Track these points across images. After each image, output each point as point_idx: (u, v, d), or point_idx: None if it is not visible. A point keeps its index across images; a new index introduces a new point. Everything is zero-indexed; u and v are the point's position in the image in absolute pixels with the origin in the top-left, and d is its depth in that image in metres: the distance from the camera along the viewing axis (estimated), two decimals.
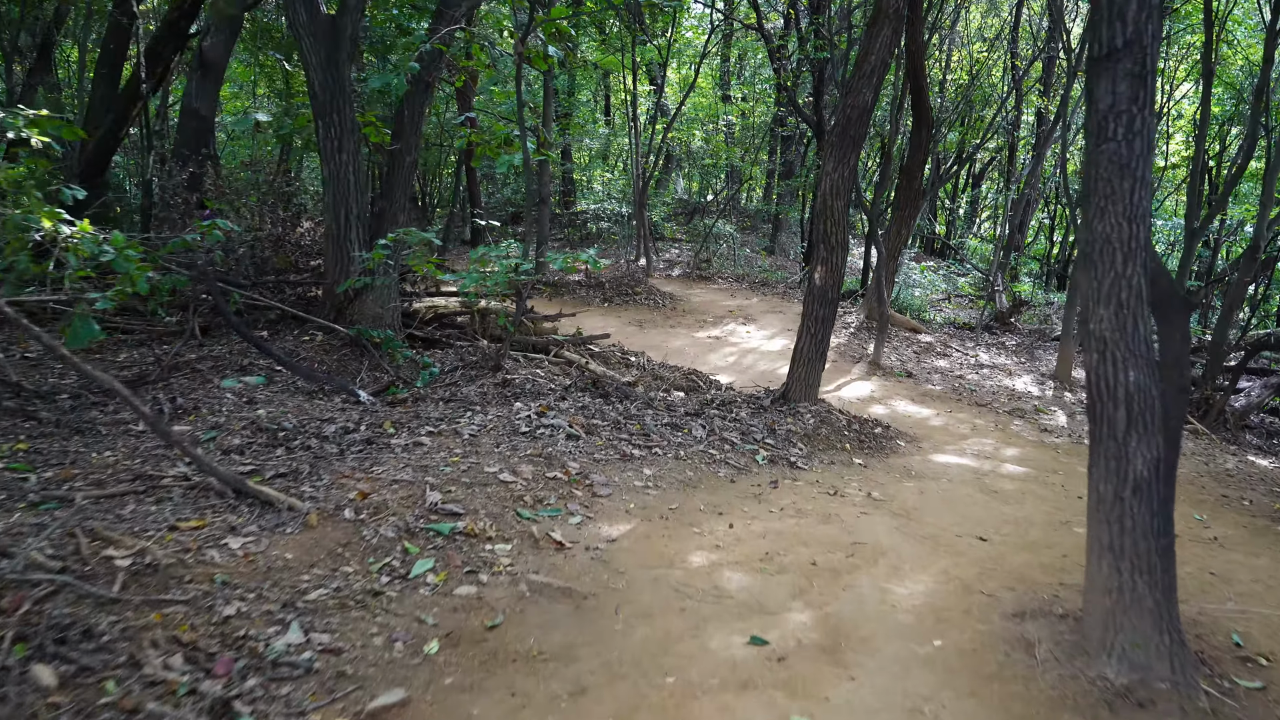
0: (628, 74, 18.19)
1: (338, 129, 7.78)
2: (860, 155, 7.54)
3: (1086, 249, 3.68)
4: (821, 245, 7.60)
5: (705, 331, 12.70)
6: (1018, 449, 8.34)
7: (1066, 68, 18.77)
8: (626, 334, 12.06)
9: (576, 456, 6.03)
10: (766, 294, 16.18)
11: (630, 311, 13.53)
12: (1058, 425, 9.75)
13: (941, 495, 6.48)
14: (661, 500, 5.62)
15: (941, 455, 7.73)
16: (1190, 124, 25.99)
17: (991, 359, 13.21)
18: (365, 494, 4.89)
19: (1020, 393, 11.30)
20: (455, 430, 6.11)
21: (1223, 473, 8.57)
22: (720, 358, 11.28)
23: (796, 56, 18.79)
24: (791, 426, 7.39)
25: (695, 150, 22.67)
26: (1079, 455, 8.48)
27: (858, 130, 7.40)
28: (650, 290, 14.51)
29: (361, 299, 8.04)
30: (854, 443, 7.49)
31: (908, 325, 13.97)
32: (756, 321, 13.55)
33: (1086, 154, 3.68)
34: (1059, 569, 5.24)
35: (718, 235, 19.82)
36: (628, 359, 9.65)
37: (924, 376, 11.40)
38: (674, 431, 6.93)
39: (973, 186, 27.68)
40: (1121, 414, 3.62)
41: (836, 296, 7.76)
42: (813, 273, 7.68)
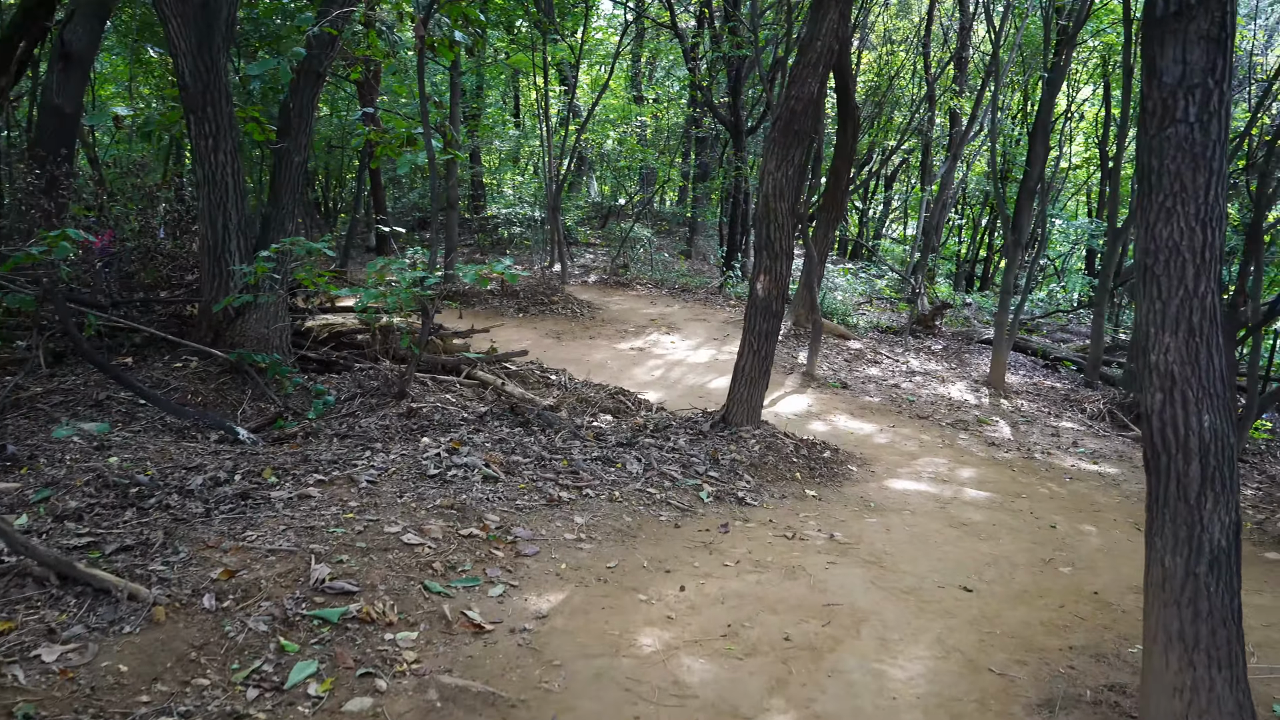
0: (538, 73, 17.17)
1: (213, 125, 6.65)
2: (805, 152, 6.71)
3: (1146, 260, 2.86)
4: (764, 252, 6.74)
5: (627, 342, 11.78)
6: (973, 469, 7.62)
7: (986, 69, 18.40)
8: (544, 347, 11.07)
9: (496, 504, 5.05)
10: (688, 300, 15.34)
11: (547, 322, 12.54)
12: (1003, 438, 9.09)
13: (909, 533, 5.67)
14: (598, 557, 4.68)
15: (898, 481, 6.94)
16: (1092, 126, 26.09)
17: (923, 365, 12.58)
18: (232, 571, 3.84)
19: (957, 401, 10.64)
20: (350, 477, 5.07)
21: None
22: (646, 372, 10.37)
23: (711, 55, 18.03)
24: (736, 455, 6.51)
25: (609, 152, 21.75)
26: (1034, 473, 7.80)
27: (802, 124, 6.56)
28: (567, 299, 13.53)
29: (244, 318, 6.91)
30: (804, 471, 6.66)
31: (836, 332, 13.28)
32: (680, 330, 12.69)
33: (1143, 140, 2.86)
34: (1062, 627, 4.46)
35: (634, 239, 18.93)
36: (548, 378, 8.67)
37: (859, 386, 10.67)
38: (606, 467, 5.99)
39: (885, 188, 27.36)
40: (1195, 469, 2.82)
41: (781, 308, 6.92)
42: (754, 282, 6.82)
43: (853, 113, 12.42)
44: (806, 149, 6.67)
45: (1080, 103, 24.96)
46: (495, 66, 19.69)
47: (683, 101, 22.81)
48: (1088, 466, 8.29)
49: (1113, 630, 4.51)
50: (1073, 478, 7.77)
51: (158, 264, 7.84)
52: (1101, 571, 5.39)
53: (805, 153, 6.68)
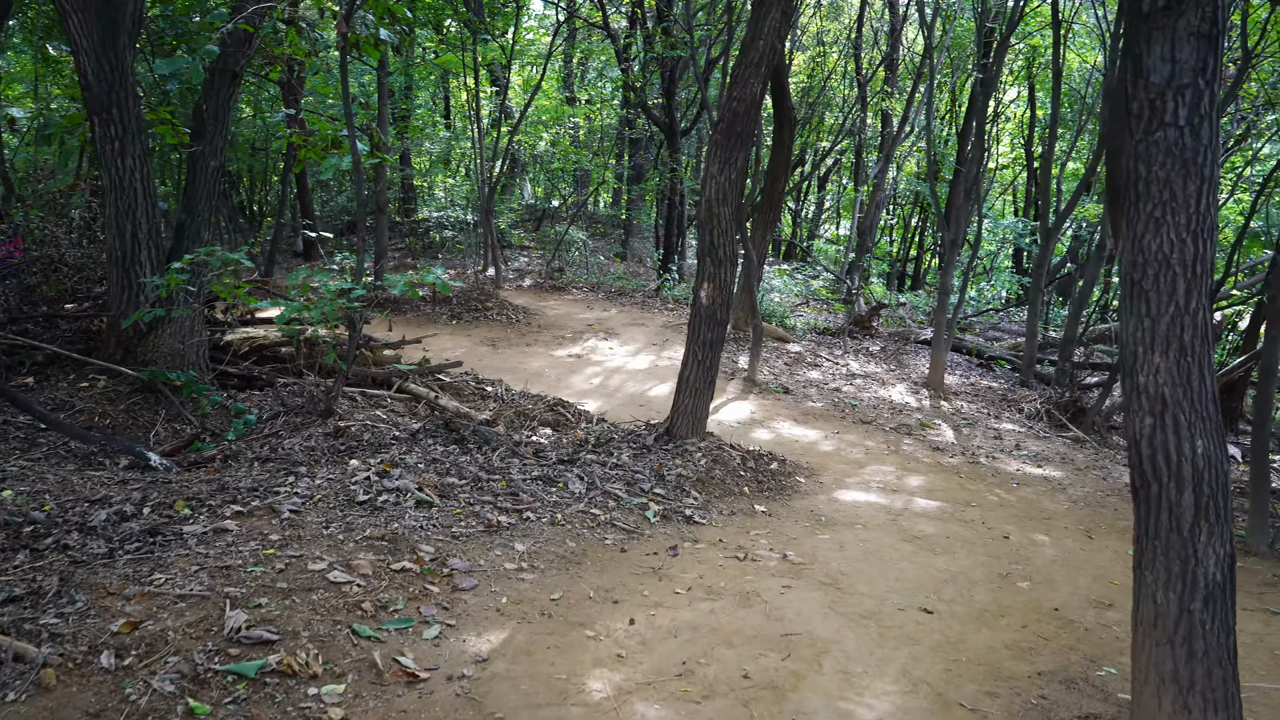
0: (468, 74, 16.74)
1: (119, 127, 6.18)
2: (748, 154, 6.47)
3: (1134, 274, 2.64)
4: (708, 259, 6.47)
5: (564, 349, 11.45)
6: (920, 476, 7.45)
7: (918, 70, 18.44)
8: (479, 356, 10.69)
9: (430, 533, 4.70)
10: (625, 304, 15.05)
11: (481, 329, 12.15)
12: (947, 442, 8.96)
13: (863, 549, 5.45)
14: (541, 588, 4.36)
15: (847, 492, 6.73)
16: (1018, 128, 26.41)
17: (862, 367, 12.46)
18: (136, 622, 3.45)
19: (899, 404, 10.52)
20: (272, 506, 4.68)
21: (1123, 488, 7.93)
22: (584, 380, 10.05)
23: (643, 56, 17.77)
24: (682, 470, 6.23)
25: (541, 154, 21.38)
26: (981, 479, 7.67)
27: (745, 126, 6.31)
28: (502, 304, 13.14)
29: (156, 333, 6.45)
30: (752, 485, 6.41)
31: (776, 335, 13.10)
32: (619, 336, 12.39)
33: (1130, 146, 2.64)
34: (1028, 649, 4.26)
35: (569, 242, 18.59)
36: (483, 389, 8.31)
37: (801, 391, 10.48)
38: (547, 487, 5.67)
39: (819, 189, 27.40)
40: (1188, 498, 2.61)
41: (726, 317, 6.66)
42: (698, 290, 6.55)
43: (789, 114, 12.25)
44: (749, 152, 6.43)
45: (1007, 104, 25.27)
46: (424, 67, 19.17)
47: (616, 103, 22.54)
48: (1032, 470, 8.19)
49: (1078, 651, 4.32)
50: (1019, 483, 7.65)
51: (63, 276, 7.31)
52: (1059, 585, 5.22)
53: (748, 156, 6.43)
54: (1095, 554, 5.89)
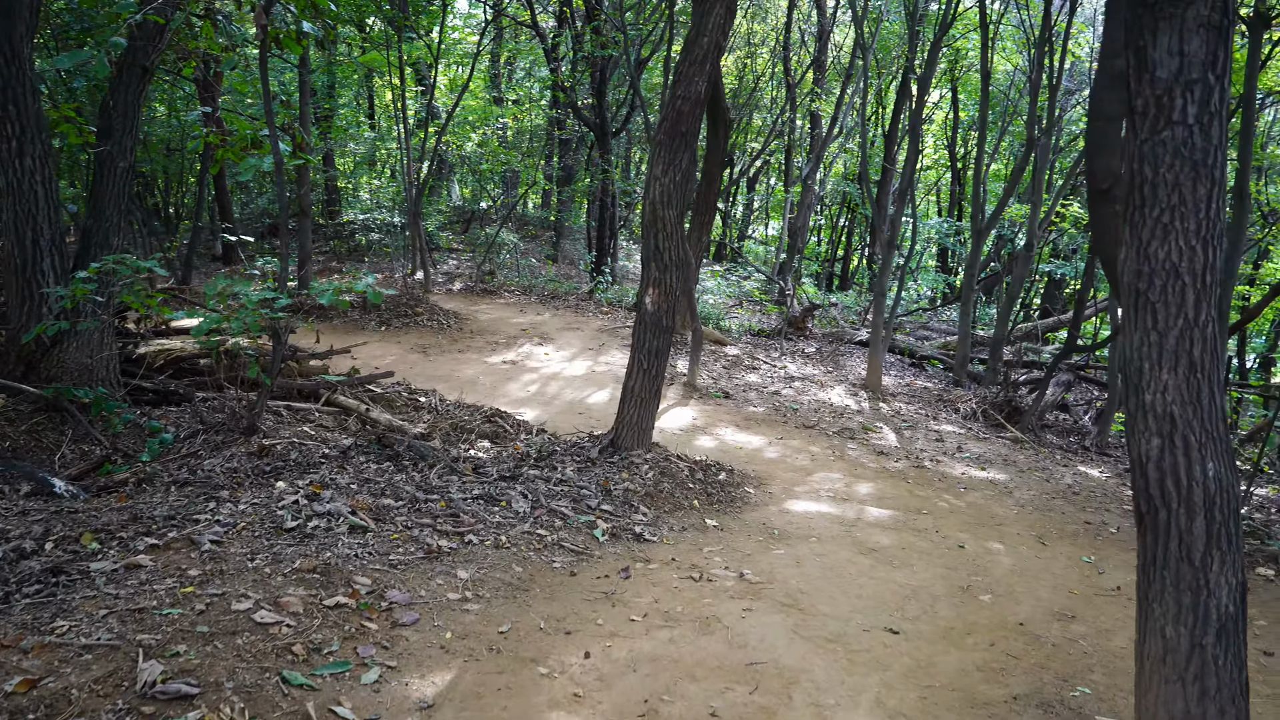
0: (393, 73, 16.23)
1: (15, 126, 5.68)
2: (693, 155, 6.21)
3: (1139, 285, 2.44)
4: (653, 263, 6.20)
5: (499, 355, 11.08)
6: (869, 483, 7.28)
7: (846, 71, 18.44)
8: (410, 364, 10.28)
9: (366, 561, 4.35)
10: (559, 307, 14.72)
11: (412, 335, 11.71)
12: (890, 445, 8.84)
13: (821, 564, 5.24)
14: (487, 620, 4.05)
15: (797, 502, 6.52)
16: (941, 129, 26.71)
17: (800, 369, 12.32)
18: (34, 679, 3.06)
19: (839, 407, 10.39)
20: (190, 537, 4.28)
21: (1066, 490, 7.87)
22: (521, 388, 9.71)
23: (573, 55, 17.47)
24: (629, 484, 5.95)
25: (469, 155, 20.89)
26: (929, 484, 7.53)
27: (690, 125, 6.06)
28: (432, 309, 12.71)
29: (61, 348, 5.95)
30: (702, 497, 6.16)
31: (713, 338, 12.90)
32: (554, 340, 12.06)
33: (1133, 146, 2.44)
34: (1000, 670, 4.07)
35: (500, 245, 18.18)
36: (416, 400, 7.94)
37: (741, 395, 10.28)
38: (489, 506, 5.34)
39: (748, 189, 27.36)
40: (1199, 526, 2.41)
41: (672, 324, 6.39)
42: (642, 296, 6.28)
43: (723, 114, 12.05)
44: (694, 153, 6.18)
45: (930, 106, 25.51)
46: (348, 65, 18.59)
47: (544, 103, 22.16)
48: (977, 474, 8.09)
49: (1050, 670, 4.15)
50: (966, 487, 7.53)
51: None
52: (1021, 598, 5.07)
53: (693, 156, 6.18)
54: (1050, 562, 5.77)
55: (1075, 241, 20.41)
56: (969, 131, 26.56)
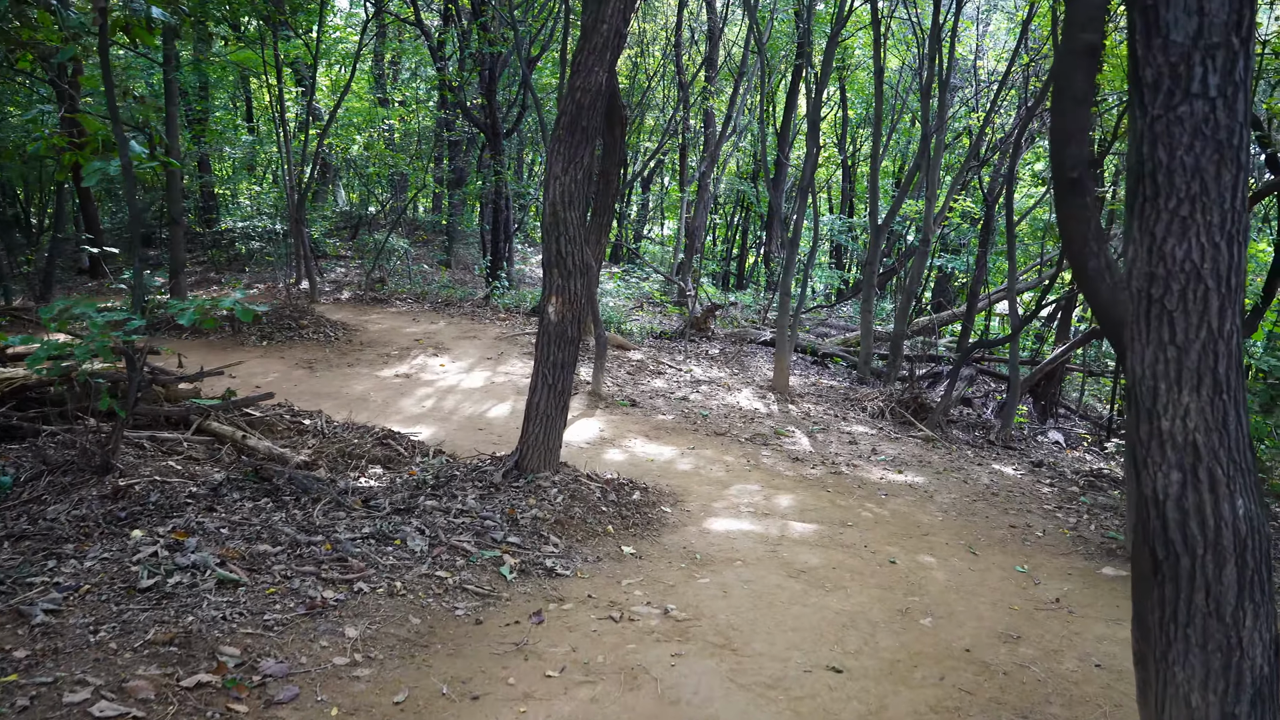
0: (270, 72, 15.28)
1: None
2: (594, 152, 5.70)
3: (1153, 290, 2.04)
4: (555, 270, 5.67)
5: (391, 369, 10.37)
6: (789, 494, 6.88)
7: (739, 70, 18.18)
8: (294, 381, 9.51)
9: (236, 625, 3.72)
10: (453, 315, 14.03)
11: (297, 350, 10.90)
12: (804, 450, 8.49)
13: (749, 593, 4.79)
14: (380, 687, 3.47)
15: (717, 520, 6.07)
16: (830, 127, 26.81)
17: (705, 372, 11.93)
18: None
19: (748, 411, 10.02)
20: (19, 609, 3.58)
21: (985, 491, 7.64)
22: (415, 403, 9.05)
23: (460, 54, 16.76)
24: (537, 511, 5.41)
25: (355, 158, 19.96)
26: (848, 491, 7.19)
27: (590, 120, 5.55)
28: (319, 321, 11.89)
29: None
30: (616, 521, 5.65)
31: (616, 342, 12.42)
32: (450, 351, 11.40)
33: (1143, 126, 2.03)
34: (956, 710, 3.69)
35: (390, 250, 17.35)
36: (300, 423, 7.23)
37: (648, 403, 9.82)
38: (382, 546, 4.73)
39: (642, 189, 26.99)
40: (1230, 574, 2.02)
41: (578, 334, 5.87)
42: (545, 305, 5.73)
43: (620, 111, 11.56)
44: (594, 150, 5.67)
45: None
46: (219, 64, 17.48)
47: (432, 104, 21.34)
48: (896, 477, 7.80)
49: (1005, 705, 3.78)
50: (887, 493, 7.21)
51: None
52: (962, 618, 4.71)
53: (594, 153, 5.67)
54: (984, 574, 5.45)
55: (964, 235, 20.64)
56: (857, 129, 26.78)
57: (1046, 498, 7.68)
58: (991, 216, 16.93)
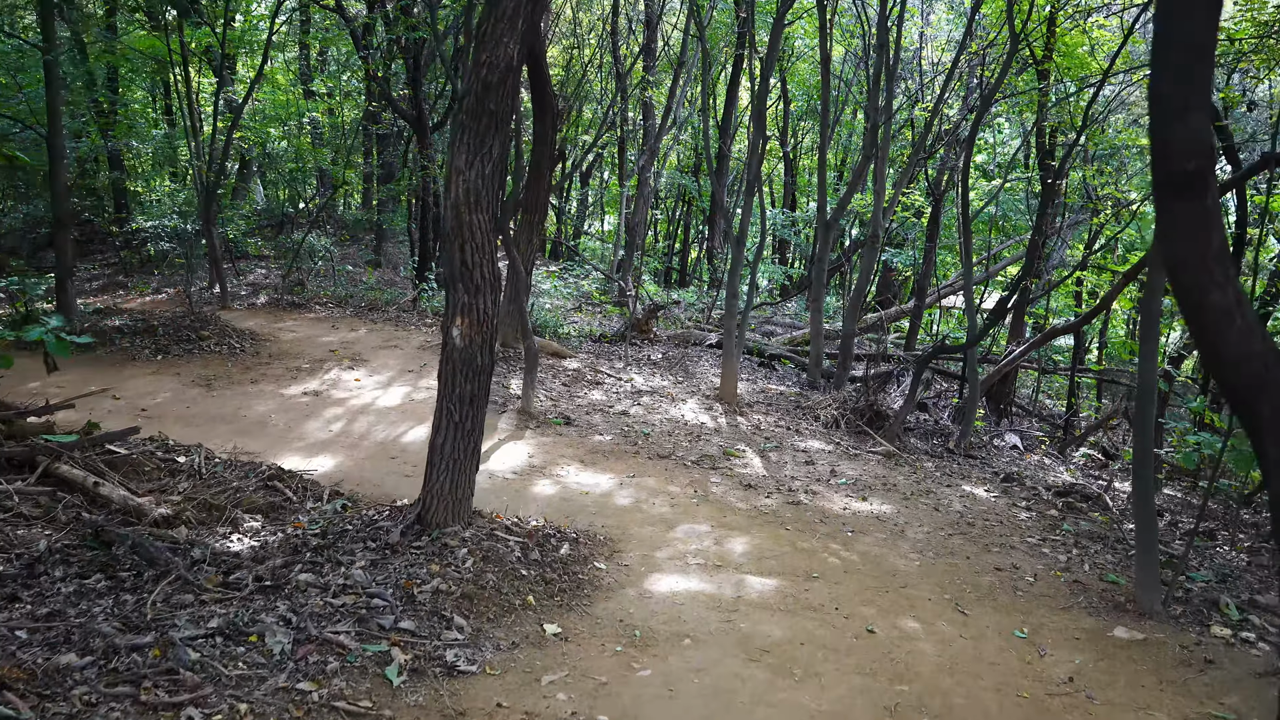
0: (176, 61, 13.91)
1: None
2: (508, 141, 4.64)
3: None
4: (459, 284, 4.58)
5: (300, 385, 9.18)
6: (743, 536, 5.88)
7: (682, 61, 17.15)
8: (186, 403, 8.30)
9: None
10: (377, 320, 12.83)
11: (195, 365, 9.64)
12: (757, 474, 7.52)
13: (702, 689, 3.77)
14: None
15: (661, 578, 5.04)
16: (772, 120, 25.90)
17: (647, 380, 10.91)
18: None
19: (694, 426, 9.03)
20: None
21: (959, 520, 6.73)
22: (322, 427, 7.90)
23: (385, 43, 15.50)
24: (440, 582, 4.33)
25: (277, 153, 18.58)
26: (810, 528, 6.21)
27: (500, 101, 4.47)
28: (224, 331, 10.62)
29: None
30: (539, 588, 4.60)
31: (550, 350, 11.33)
32: (368, 363, 10.22)
33: None
34: None
35: (313, 250, 16.04)
36: (173, 461, 6.06)
37: (584, 420, 8.77)
38: (231, 647, 3.62)
39: (581, 184, 25.88)
40: None
41: (490, 361, 4.79)
42: (449, 327, 4.65)
43: (550, 100, 10.49)
44: (507, 139, 4.60)
45: (757, 96, 24.64)
46: (123, 53, 16.01)
47: (361, 96, 19.99)
48: (860, 506, 6.85)
49: None
50: (854, 529, 6.25)
51: None
52: (965, 716, 3.75)
53: (506, 143, 4.60)
54: (980, 644, 4.50)
55: (909, 230, 19.89)
56: (798, 122, 25.92)
57: (1026, 526, 6.79)
58: (939, 210, 16.18)
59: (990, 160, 22.03)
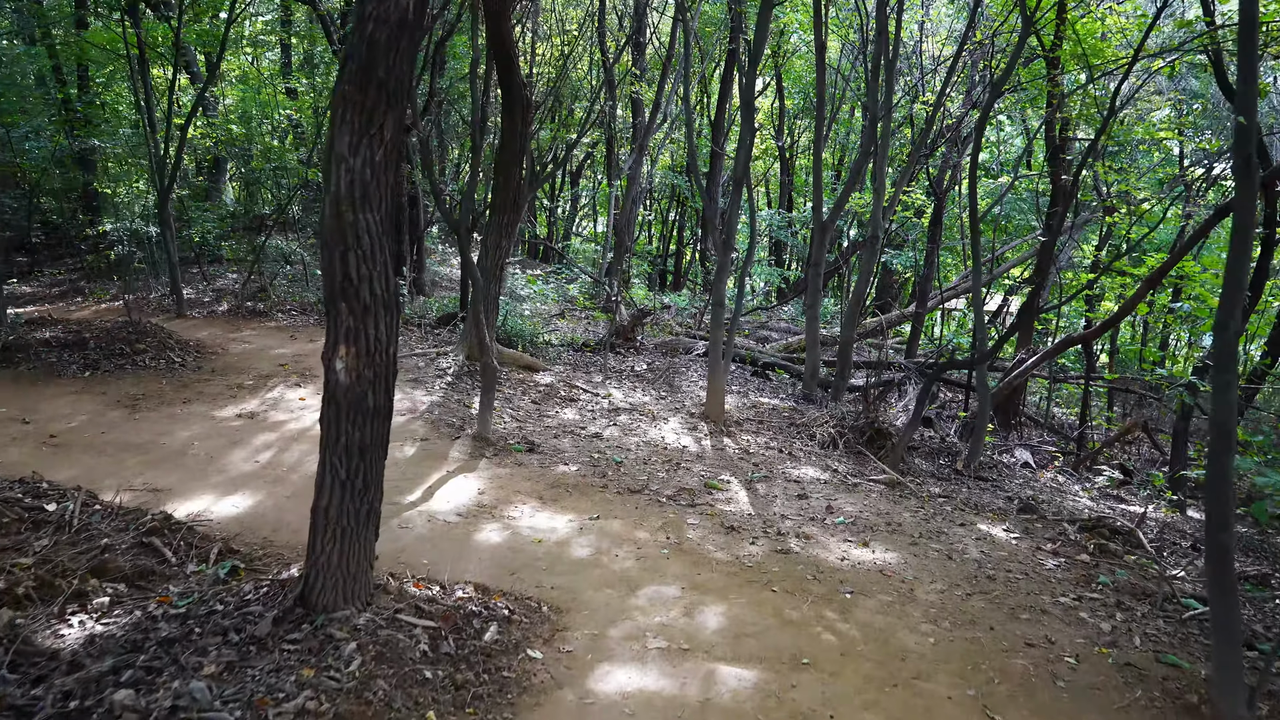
0: (133, 51, 12.81)
1: None
2: (405, 117, 3.55)
3: None
4: (341, 303, 3.48)
5: (236, 406, 8.08)
6: (719, 604, 4.76)
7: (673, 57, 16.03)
8: (103, 428, 7.21)
9: None
10: None
11: (126, 382, 8.55)
12: (742, 512, 6.41)
13: None
14: None
15: (611, 670, 3.93)
16: (766, 118, 24.79)
17: (627, 396, 9.81)
18: None
19: (674, 450, 7.93)
20: None
21: (978, 572, 5.61)
22: (248, 457, 6.80)
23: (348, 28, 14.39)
24: (309, 698, 3.21)
25: (249, 153, 17.46)
26: (802, 589, 5.10)
27: (394, 70, 3.36)
28: (163, 344, 9.50)
29: None
30: (446, 699, 3.48)
31: (521, 363, 10.22)
32: (318, 379, 9.12)
33: None
34: None
35: (281, 254, 14.95)
36: (40, 510, 4.97)
37: (551, 445, 7.67)
38: None
39: (571, 184, 24.76)
40: None
41: (387, 402, 3.69)
42: (330, 358, 3.55)
43: (520, 91, 9.37)
44: (402, 116, 3.49)
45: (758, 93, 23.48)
46: (78, 44, 14.90)
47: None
48: (860, 555, 5.74)
49: None
50: (853, 588, 5.14)
51: None
52: None
53: (401, 123, 3.49)
54: None
55: (909, 230, 18.80)
56: (794, 120, 24.76)
57: (1056, 579, 5.68)
58: (941, 209, 15.06)
59: (992, 158, 20.94)
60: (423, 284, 15.21)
